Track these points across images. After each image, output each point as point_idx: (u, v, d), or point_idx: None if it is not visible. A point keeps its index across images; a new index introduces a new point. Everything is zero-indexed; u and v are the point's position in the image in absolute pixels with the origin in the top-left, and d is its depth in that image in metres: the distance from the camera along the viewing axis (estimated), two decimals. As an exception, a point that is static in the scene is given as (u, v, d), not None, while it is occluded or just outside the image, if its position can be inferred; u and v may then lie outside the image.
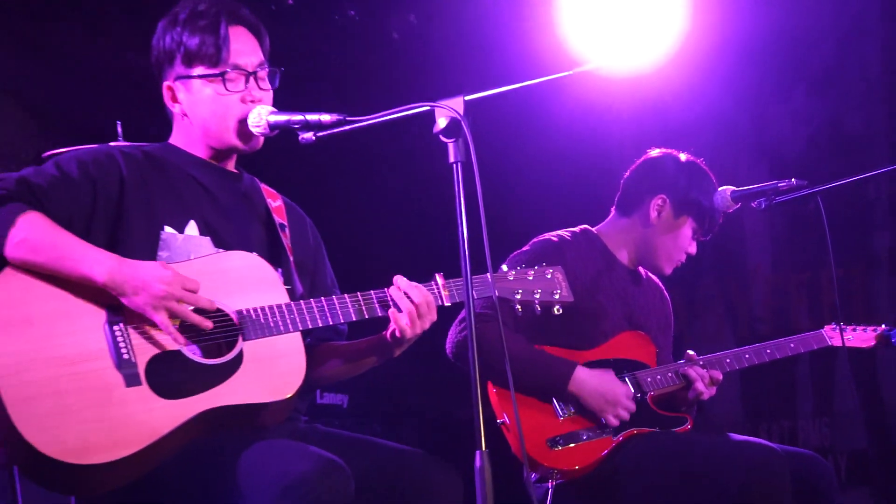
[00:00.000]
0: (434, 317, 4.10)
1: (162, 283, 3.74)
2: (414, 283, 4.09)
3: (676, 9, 6.73)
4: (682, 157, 5.65)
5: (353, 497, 3.68)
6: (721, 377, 5.43)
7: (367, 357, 4.28)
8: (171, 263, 3.90)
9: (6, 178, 3.86)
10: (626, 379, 5.28)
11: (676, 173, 5.61)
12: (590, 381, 5.11)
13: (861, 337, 5.80)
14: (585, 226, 5.64)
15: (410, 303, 4.02)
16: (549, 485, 5.10)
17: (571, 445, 5.13)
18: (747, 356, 5.54)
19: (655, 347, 5.45)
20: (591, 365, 5.22)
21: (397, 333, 4.06)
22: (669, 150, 5.70)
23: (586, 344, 5.34)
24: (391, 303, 4.05)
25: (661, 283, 5.83)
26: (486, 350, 4.23)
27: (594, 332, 5.38)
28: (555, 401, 5.16)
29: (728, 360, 5.48)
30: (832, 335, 5.73)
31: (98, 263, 3.74)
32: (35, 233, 3.75)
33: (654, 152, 5.75)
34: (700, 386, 5.35)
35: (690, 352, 5.47)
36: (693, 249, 5.65)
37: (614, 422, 5.11)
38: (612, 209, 5.73)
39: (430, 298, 4.07)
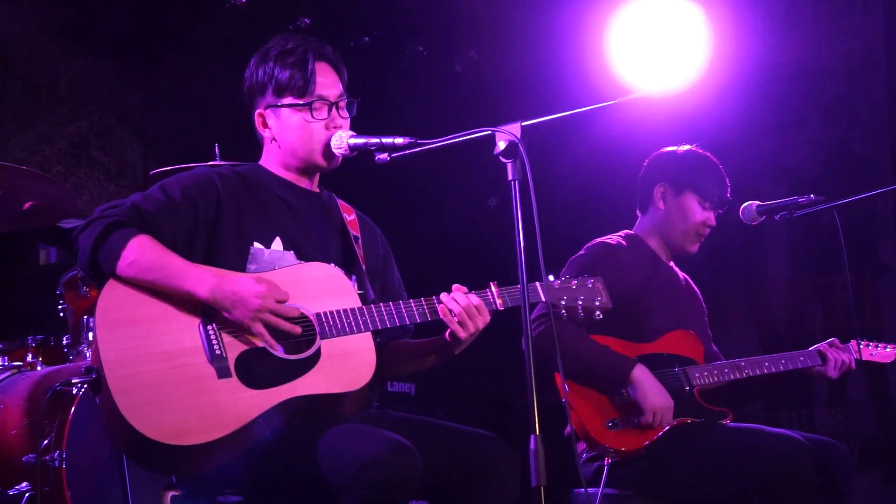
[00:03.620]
0: (487, 318, 4.04)
1: (257, 297, 3.77)
2: (465, 290, 4.04)
3: (703, 42, 6.70)
4: (676, 148, 5.60)
5: (422, 476, 3.68)
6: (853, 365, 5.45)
7: (429, 355, 4.25)
8: (260, 273, 3.94)
9: (120, 204, 3.90)
10: (678, 372, 5.16)
11: (670, 161, 5.55)
12: (645, 381, 5.03)
13: (882, 353, 5.65)
14: (627, 230, 5.56)
15: (459, 306, 3.97)
16: (605, 462, 5.03)
17: (625, 429, 5.05)
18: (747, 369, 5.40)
19: (703, 346, 5.35)
20: (645, 358, 5.14)
21: (455, 333, 4.02)
22: (670, 148, 5.63)
23: (640, 337, 5.26)
24: (445, 306, 4.01)
25: (690, 279, 5.72)
26: (552, 348, 4.16)
27: (647, 327, 5.29)
28: (616, 390, 5.08)
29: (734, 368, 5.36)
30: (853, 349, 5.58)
31: (201, 281, 3.77)
32: (144, 254, 3.78)
33: (655, 153, 5.67)
34: (831, 369, 5.38)
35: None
36: (711, 220, 5.51)
37: (654, 424, 5.02)
38: (637, 212, 5.66)
39: (479, 302, 4.02)
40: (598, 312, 4.31)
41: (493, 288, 4.10)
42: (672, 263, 5.61)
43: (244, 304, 3.75)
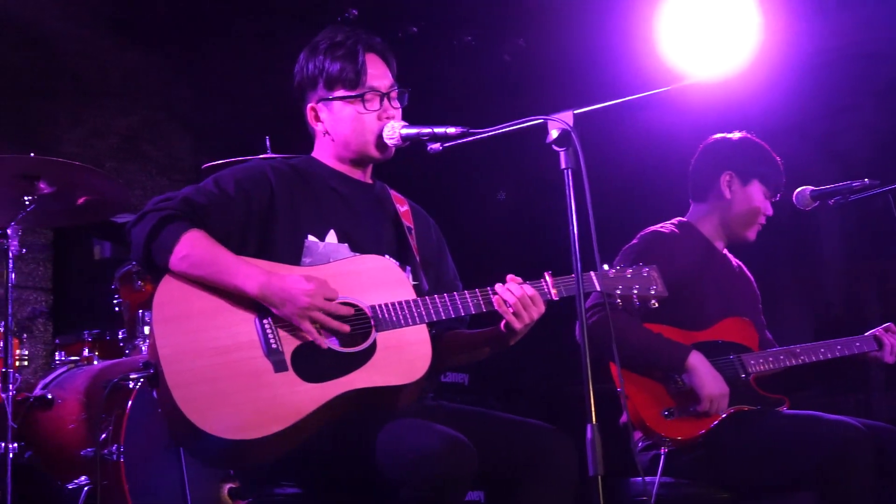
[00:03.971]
0: (542, 309, 4.01)
1: (306, 295, 3.76)
2: (519, 280, 4.01)
3: (754, 26, 6.64)
4: (733, 135, 5.59)
5: (477, 470, 3.65)
6: None
7: (484, 346, 4.22)
8: (313, 266, 3.95)
9: (173, 197, 3.91)
10: (733, 359, 5.13)
11: (733, 149, 5.53)
12: (701, 368, 5.00)
13: None
14: (680, 218, 5.53)
15: (514, 297, 3.94)
16: (662, 451, 5.00)
17: (681, 417, 5.02)
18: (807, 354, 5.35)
19: (757, 333, 5.31)
20: (700, 346, 5.10)
21: (510, 324, 3.99)
22: (720, 135, 5.62)
23: (694, 325, 5.23)
24: (500, 297, 3.98)
25: (743, 265, 5.68)
26: (606, 334, 4.20)
27: (701, 315, 5.27)
28: (671, 377, 5.04)
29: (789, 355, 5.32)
30: None
31: (250, 278, 3.76)
32: (196, 249, 3.78)
33: (709, 140, 5.66)
34: (887, 354, 5.33)
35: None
36: (769, 210, 5.53)
37: (710, 411, 4.99)
38: (691, 200, 5.63)
39: (533, 293, 3.99)
40: (653, 301, 4.28)
41: (547, 278, 4.07)
42: (726, 250, 5.59)
43: (293, 302, 3.74)
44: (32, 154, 5.40)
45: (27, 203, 5.50)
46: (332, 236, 4.07)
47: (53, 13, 8.12)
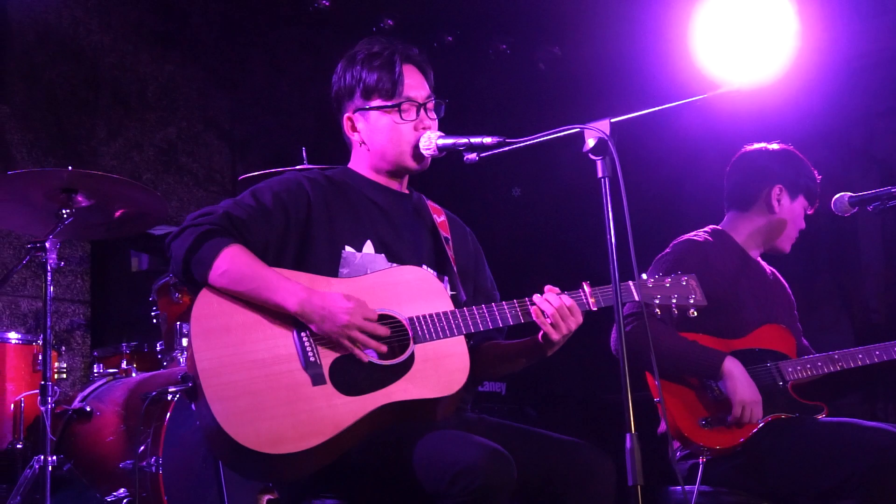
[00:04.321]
0: (579, 319, 3.98)
1: (346, 313, 3.75)
2: (556, 291, 3.99)
3: (791, 32, 6.59)
4: (774, 146, 5.54)
5: (516, 482, 3.63)
6: None
7: (521, 357, 4.19)
8: (350, 278, 3.94)
9: (212, 212, 3.91)
10: (770, 367, 5.09)
11: (782, 163, 5.48)
12: (736, 373, 4.97)
13: None
14: (713, 225, 5.49)
15: (552, 307, 3.92)
16: (700, 460, 4.97)
17: (719, 426, 4.98)
18: (848, 359, 5.31)
19: (795, 340, 5.27)
20: (737, 354, 5.06)
21: (547, 335, 3.96)
22: (761, 145, 5.56)
23: (731, 333, 5.19)
24: (538, 308, 3.96)
25: (777, 272, 5.65)
26: (643, 345, 4.15)
27: (737, 323, 5.22)
28: (708, 385, 5.00)
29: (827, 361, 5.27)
30: None
31: (291, 294, 3.76)
32: (236, 264, 3.79)
33: (750, 148, 5.59)
34: None
35: None
36: (804, 224, 5.53)
37: (742, 418, 4.95)
38: (728, 208, 5.58)
39: (571, 303, 3.96)
40: (692, 310, 4.25)
41: (585, 288, 4.04)
42: (759, 258, 5.55)
43: (332, 320, 3.74)
44: (70, 167, 5.41)
45: (65, 216, 5.50)
46: (369, 247, 4.06)
47: (91, 27, 8.17)
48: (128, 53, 8.35)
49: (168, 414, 5.35)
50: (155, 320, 6.26)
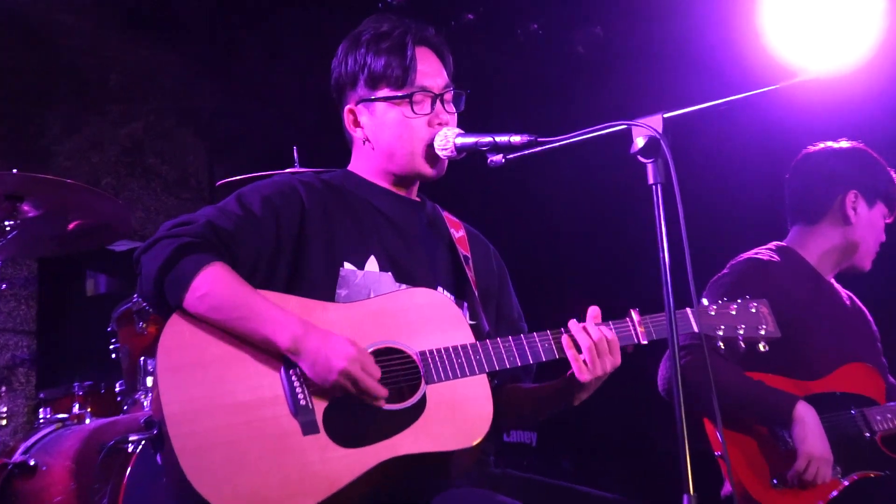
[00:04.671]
0: (617, 360, 3.92)
1: (345, 359, 3.68)
2: (599, 318, 3.95)
3: (878, 10, 6.58)
4: (843, 145, 5.59)
5: None
6: None
7: (545, 404, 4.14)
8: (350, 302, 3.90)
9: (192, 220, 3.87)
10: (854, 415, 5.04)
11: (855, 165, 5.53)
12: (809, 421, 4.94)
13: None
14: (778, 242, 5.45)
15: (589, 340, 3.87)
16: (774, 526, 4.95)
17: (794, 486, 4.96)
18: None
19: (884, 382, 5.25)
20: (814, 398, 5.05)
21: (576, 375, 3.90)
22: (825, 145, 5.61)
23: (806, 373, 5.19)
24: (572, 338, 3.91)
25: (854, 297, 5.67)
26: (699, 383, 4.11)
27: (813, 360, 5.24)
28: (779, 435, 4.95)
29: None
30: None
31: (283, 327, 3.71)
32: (218, 287, 3.74)
33: (814, 149, 5.64)
34: None
35: None
36: (884, 236, 5.55)
37: (806, 475, 4.91)
38: (793, 222, 5.60)
39: (613, 337, 3.91)
40: (762, 344, 4.21)
41: (633, 316, 4.00)
42: (833, 280, 5.52)
43: (328, 365, 3.67)
44: (15, 170, 5.40)
45: (8, 228, 5.52)
46: (372, 264, 4.03)
47: (51, 3, 8.17)
48: (88, 34, 8.37)
49: (128, 468, 5.33)
50: (114, 355, 6.26)
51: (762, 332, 4.21)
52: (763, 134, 7.67)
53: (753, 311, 4.24)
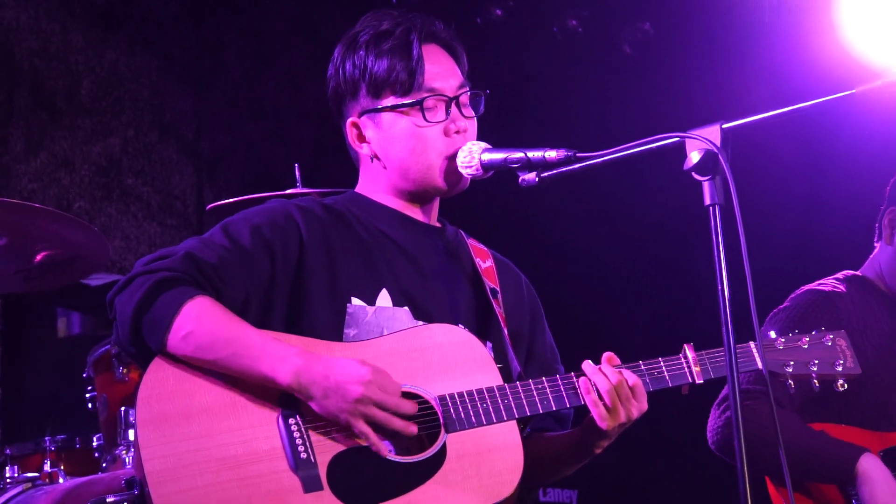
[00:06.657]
0: (643, 406, 3.92)
1: (359, 384, 3.68)
2: (617, 360, 3.95)
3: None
4: None
5: None
6: None
7: (563, 458, 4.16)
8: (361, 341, 3.90)
9: (170, 254, 3.87)
10: None
11: None
12: (875, 475, 4.93)
13: None
14: (850, 271, 5.45)
15: (608, 383, 3.87)
16: None
17: None
18: None
19: (977, 434, 5.23)
20: (892, 452, 5.03)
21: (597, 422, 3.90)
22: None
23: (883, 423, 5.18)
24: (588, 381, 3.91)
25: None
26: (758, 437, 4.11)
27: (891, 407, 5.20)
28: (851, 495, 4.97)
29: None
30: None
31: (282, 362, 3.71)
32: (204, 324, 3.74)
33: None
34: None
35: None
36: None
37: None
38: (878, 241, 5.59)
39: (635, 381, 3.91)
40: (840, 381, 4.23)
41: (688, 352, 4.02)
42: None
43: (339, 393, 3.67)
44: (-28, 194, 5.44)
45: (-35, 262, 5.55)
46: (384, 298, 4.04)
47: (6, 0, 8.22)
48: (54, 36, 8.41)
49: (107, 537, 5.36)
50: (91, 405, 6.28)
51: (839, 368, 4.22)
52: (842, 147, 7.69)
53: (829, 343, 4.26)
